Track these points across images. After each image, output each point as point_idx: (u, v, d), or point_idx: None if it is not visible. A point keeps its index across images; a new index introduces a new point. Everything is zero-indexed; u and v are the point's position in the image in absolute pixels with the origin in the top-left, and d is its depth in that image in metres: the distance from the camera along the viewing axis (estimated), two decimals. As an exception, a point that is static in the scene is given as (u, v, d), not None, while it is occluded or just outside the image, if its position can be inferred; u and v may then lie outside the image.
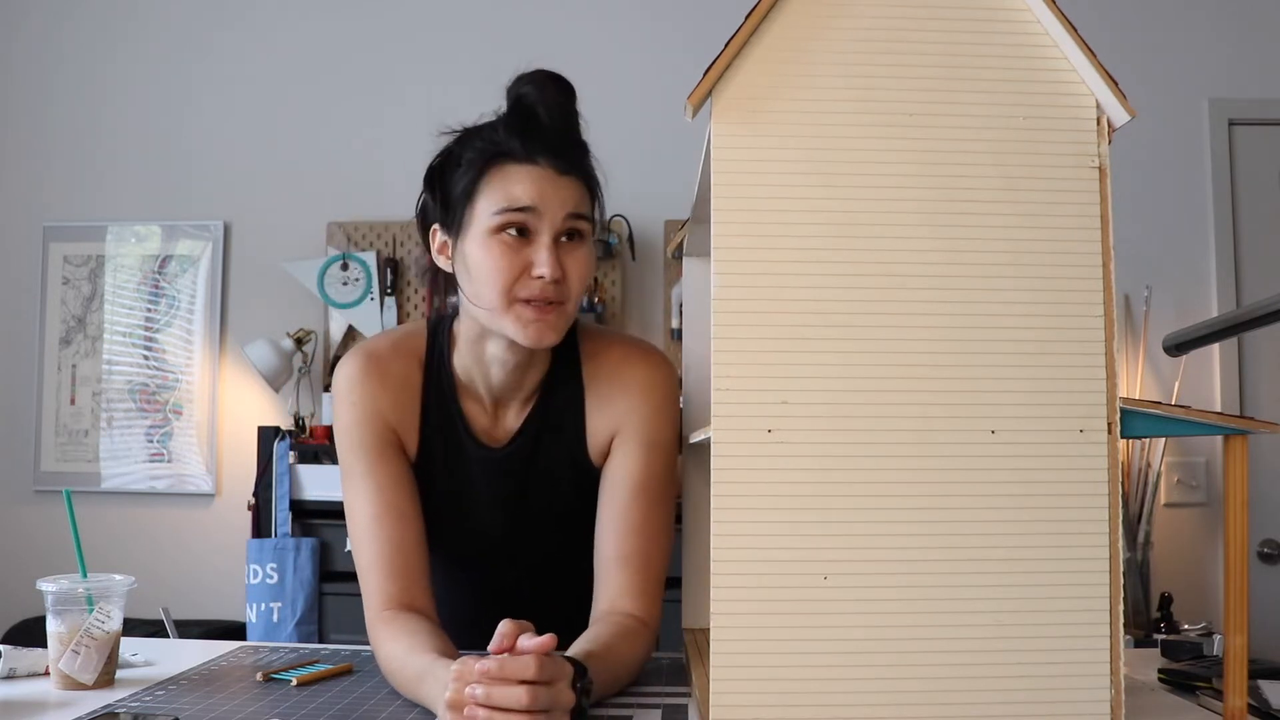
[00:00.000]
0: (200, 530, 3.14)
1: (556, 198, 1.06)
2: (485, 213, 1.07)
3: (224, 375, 3.18)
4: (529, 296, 1.06)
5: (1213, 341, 1.11)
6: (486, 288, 1.07)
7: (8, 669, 1.12)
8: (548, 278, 1.05)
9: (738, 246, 0.83)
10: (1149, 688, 1.09)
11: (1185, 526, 2.98)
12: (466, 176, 1.09)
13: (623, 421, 1.17)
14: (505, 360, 1.15)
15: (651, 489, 1.16)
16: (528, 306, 1.06)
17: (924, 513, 0.81)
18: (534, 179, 1.06)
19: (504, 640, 0.88)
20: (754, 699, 0.80)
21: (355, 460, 1.16)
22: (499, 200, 1.06)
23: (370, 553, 1.13)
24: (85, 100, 3.29)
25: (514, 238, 1.06)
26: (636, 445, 1.17)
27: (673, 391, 1.21)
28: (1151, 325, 2.92)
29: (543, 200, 1.06)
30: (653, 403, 1.18)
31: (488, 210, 1.07)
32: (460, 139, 1.13)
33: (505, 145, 1.07)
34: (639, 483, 1.15)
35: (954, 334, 0.83)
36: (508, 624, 0.89)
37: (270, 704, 1.00)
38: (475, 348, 1.16)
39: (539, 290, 1.06)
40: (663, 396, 1.19)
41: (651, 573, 1.14)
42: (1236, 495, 0.87)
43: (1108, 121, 0.84)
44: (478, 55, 3.16)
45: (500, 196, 1.06)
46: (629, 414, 1.17)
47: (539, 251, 1.06)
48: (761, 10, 0.83)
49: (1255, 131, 3.05)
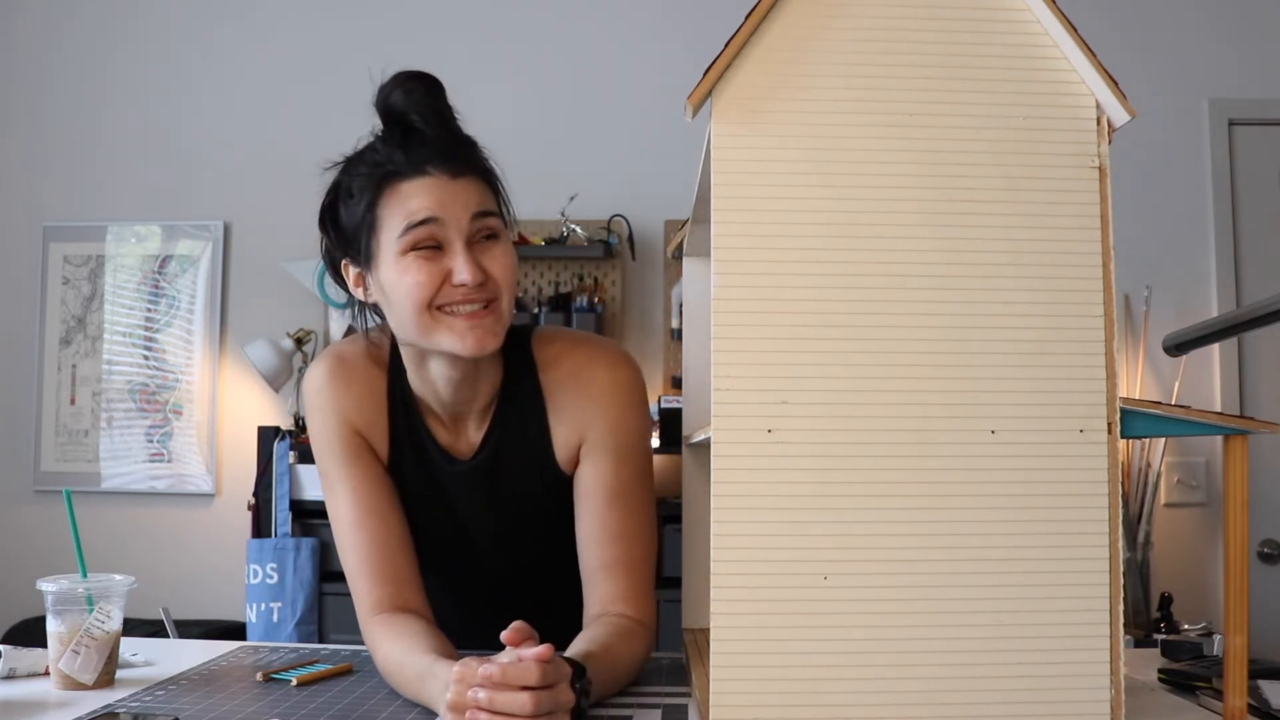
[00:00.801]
0: (200, 530, 3.15)
1: (457, 202, 1.02)
2: (390, 238, 1.02)
3: (224, 375, 3.18)
4: (453, 305, 1.03)
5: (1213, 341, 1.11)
6: (409, 309, 1.03)
7: (8, 669, 1.12)
8: (470, 282, 1.01)
9: (738, 246, 0.83)
10: (1149, 688, 1.09)
11: (1185, 526, 2.98)
12: (361, 205, 1.05)
13: (588, 428, 1.15)
14: (450, 377, 1.12)
15: (625, 494, 1.14)
16: (457, 317, 1.03)
17: (924, 513, 0.81)
18: (429, 190, 1.02)
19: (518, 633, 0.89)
20: (754, 699, 0.80)
21: (330, 465, 1.15)
22: (399, 220, 1.02)
23: (356, 557, 1.12)
24: (85, 100, 3.29)
25: (425, 253, 1.02)
26: (605, 452, 1.14)
27: (637, 391, 1.18)
28: (1151, 325, 2.92)
29: (443, 208, 1.01)
30: (617, 407, 1.15)
31: (391, 234, 1.02)
32: (344, 169, 1.09)
33: (391, 162, 1.03)
34: (612, 490, 1.14)
35: (954, 334, 0.83)
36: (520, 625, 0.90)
37: (270, 704, 1.00)
38: (419, 370, 1.13)
39: (462, 296, 1.02)
40: (626, 399, 1.16)
41: (638, 575, 1.13)
42: (1236, 495, 0.87)
43: (1108, 121, 0.84)
44: (478, 55, 3.16)
45: (399, 216, 1.02)
46: (594, 420, 1.14)
47: (454, 259, 1.02)
48: (761, 10, 0.83)
49: (1255, 131, 3.05)
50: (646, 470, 1.18)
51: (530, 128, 3.14)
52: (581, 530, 1.15)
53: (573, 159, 3.13)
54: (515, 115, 3.13)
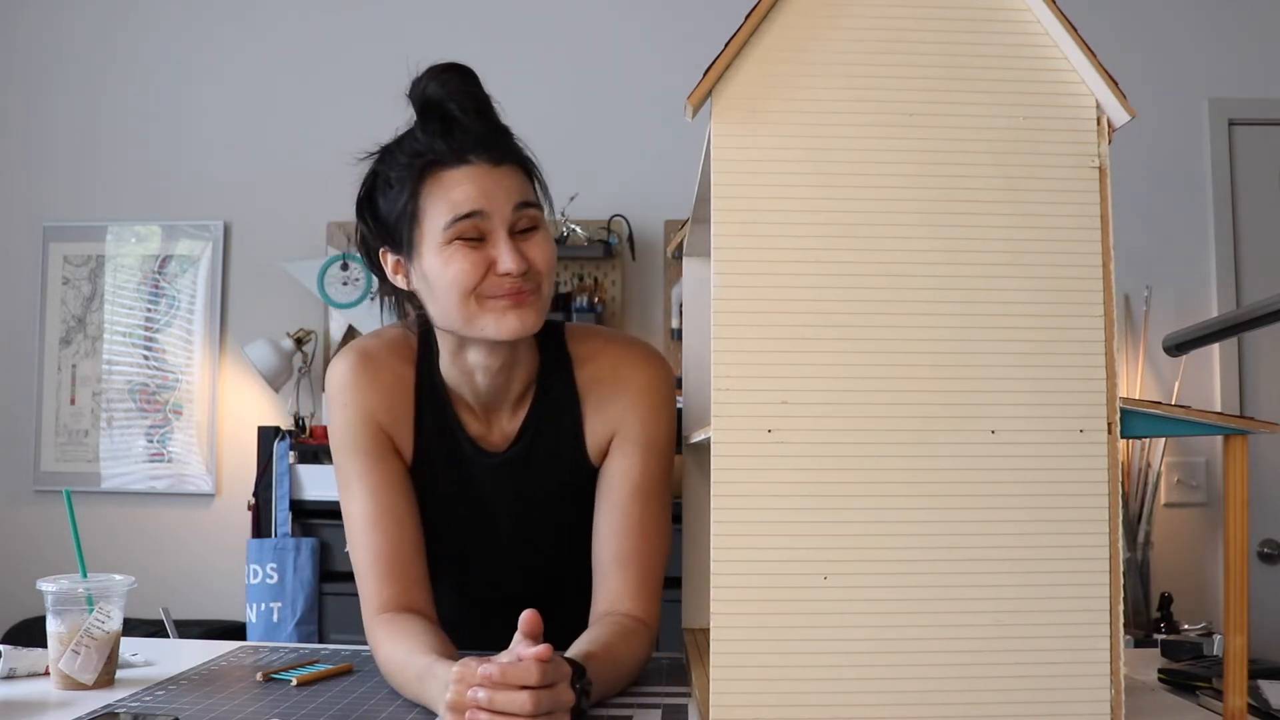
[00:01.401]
0: (200, 530, 3.15)
1: (500, 192, 1.03)
2: (434, 228, 1.03)
3: (224, 375, 3.18)
4: (499, 294, 1.04)
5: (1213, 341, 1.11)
6: (454, 297, 1.04)
7: (8, 669, 1.12)
8: (515, 272, 1.03)
9: (738, 246, 0.83)
10: (1149, 688, 1.09)
11: (1185, 526, 2.98)
12: (403, 196, 1.05)
13: (620, 423, 1.17)
14: (488, 365, 1.13)
15: (649, 490, 1.16)
16: (500, 300, 1.04)
17: (924, 513, 0.81)
18: (472, 179, 1.03)
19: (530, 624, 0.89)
20: (754, 699, 0.80)
21: (350, 462, 1.15)
22: (444, 212, 1.03)
23: (367, 555, 1.12)
24: (85, 100, 3.29)
25: (470, 242, 1.03)
26: (634, 446, 1.16)
27: (669, 392, 1.20)
28: (1151, 325, 2.92)
29: (488, 200, 1.03)
30: (649, 404, 1.17)
31: (436, 225, 1.03)
32: (381, 159, 1.09)
33: (432, 152, 1.03)
34: (636, 484, 1.15)
35: (954, 334, 0.83)
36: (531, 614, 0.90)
37: (270, 704, 1.00)
38: (457, 359, 1.14)
39: (509, 286, 1.04)
40: (660, 397, 1.18)
41: (650, 573, 1.14)
42: (1236, 495, 0.87)
43: (1108, 121, 0.84)
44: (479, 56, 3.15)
45: (444, 207, 1.03)
46: (626, 415, 1.16)
47: (498, 249, 1.03)
48: (761, 10, 0.83)
49: (1255, 131, 3.05)
50: (670, 471, 1.20)
51: (530, 128, 3.13)
52: (600, 522, 1.16)
53: (573, 159, 3.12)
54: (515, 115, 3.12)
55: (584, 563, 1.18)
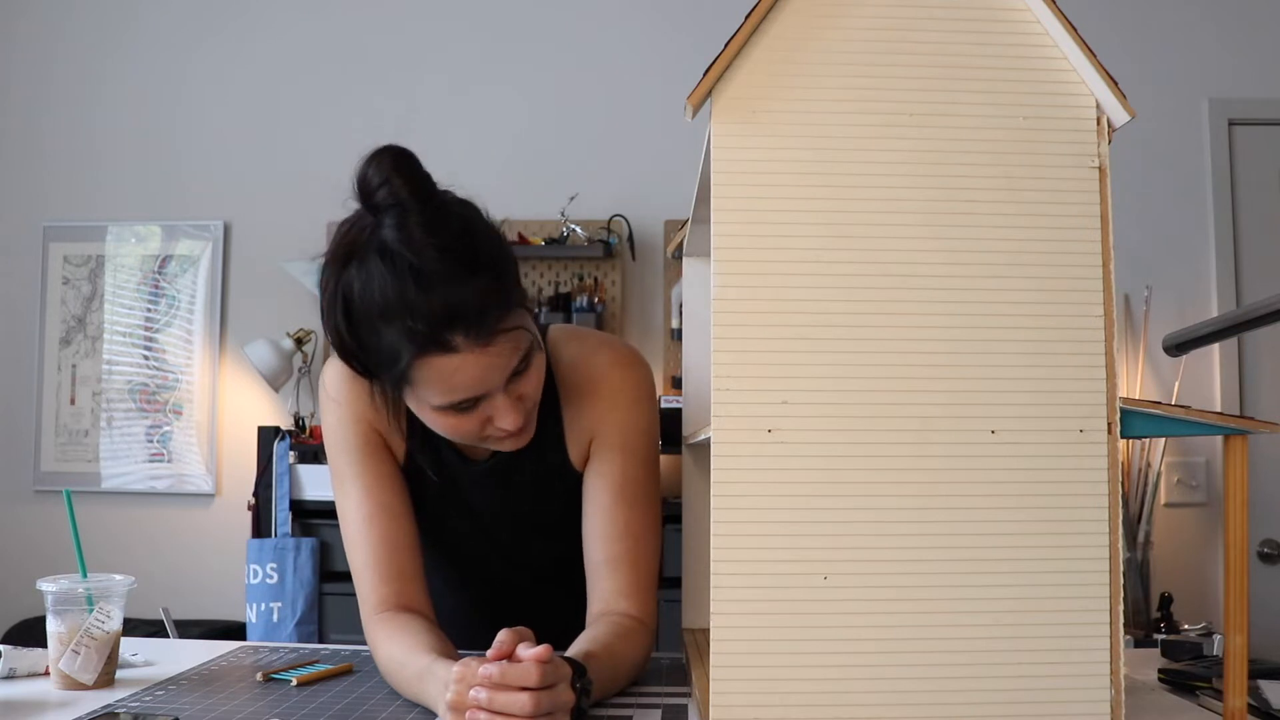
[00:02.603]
0: (200, 530, 3.15)
1: (495, 369, 0.99)
2: (427, 400, 1.00)
3: (224, 375, 3.18)
4: (498, 436, 1.04)
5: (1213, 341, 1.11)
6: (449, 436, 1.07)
7: (8, 669, 1.12)
8: (513, 430, 1.03)
9: (738, 246, 0.83)
10: (1149, 688, 1.09)
11: (1185, 526, 2.98)
12: (391, 368, 0.99)
13: (598, 426, 1.16)
14: None
15: (632, 492, 1.15)
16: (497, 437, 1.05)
17: (924, 513, 0.81)
18: (467, 365, 0.96)
19: (502, 648, 0.87)
20: (754, 699, 0.80)
21: (344, 461, 1.16)
22: (440, 395, 0.99)
23: (364, 554, 1.12)
24: (85, 100, 3.29)
25: (466, 405, 1.01)
26: (612, 449, 1.15)
27: (646, 391, 1.19)
28: (1151, 325, 2.92)
29: (484, 382, 0.99)
30: (624, 405, 1.16)
31: (429, 399, 1.00)
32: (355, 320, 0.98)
33: (419, 335, 0.94)
34: (619, 487, 1.14)
35: (954, 334, 0.82)
36: (506, 633, 0.89)
37: (270, 704, 1.00)
38: None
39: (504, 434, 1.04)
40: (635, 398, 1.17)
41: (641, 573, 1.13)
42: (1236, 495, 0.87)
43: (1108, 121, 0.84)
44: (479, 56, 3.16)
45: (440, 390, 0.98)
46: (603, 418, 1.16)
47: (496, 409, 1.02)
48: (761, 10, 0.83)
49: (1255, 131, 3.05)
50: (654, 469, 1.19)
51: (530, 127, 3.14)
52: (588, 526, 1.16)
53: (573, 159, 3.13)
54: (516, 115, 3.13)
55: (578, 566, 1.17)
